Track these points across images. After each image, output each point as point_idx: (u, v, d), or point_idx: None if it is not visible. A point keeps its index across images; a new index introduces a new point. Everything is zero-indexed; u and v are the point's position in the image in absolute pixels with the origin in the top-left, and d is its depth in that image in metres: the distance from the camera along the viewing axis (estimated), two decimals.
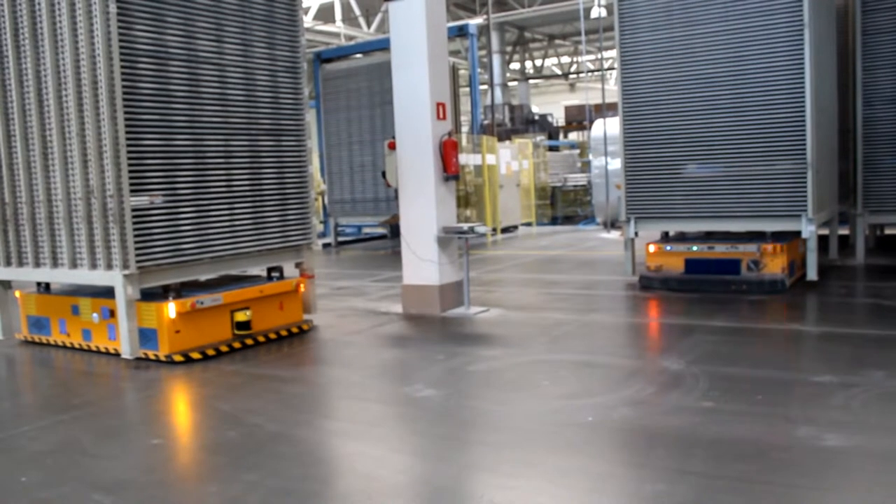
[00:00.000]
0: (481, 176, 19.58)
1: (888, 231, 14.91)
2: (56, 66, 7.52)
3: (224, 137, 8.02)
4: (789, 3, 9.52)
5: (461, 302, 9.39)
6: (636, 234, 10.87)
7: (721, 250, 10.13)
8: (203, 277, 8.16)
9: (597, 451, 4.65)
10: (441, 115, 9.19)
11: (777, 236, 10.07)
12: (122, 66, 7.09)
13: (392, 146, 9.61)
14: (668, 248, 10.57)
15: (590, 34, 32.49)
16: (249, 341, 7.90)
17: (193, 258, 7.70)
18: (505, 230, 21.17)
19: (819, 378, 5.83)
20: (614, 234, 19.36)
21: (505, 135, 27.79)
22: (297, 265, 9.05)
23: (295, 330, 8.44)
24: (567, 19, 35.04)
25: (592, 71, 40.92)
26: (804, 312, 8.85)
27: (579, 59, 43.94)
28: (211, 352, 7.50)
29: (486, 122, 26.16)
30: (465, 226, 9.13)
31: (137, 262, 7.19)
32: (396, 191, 9.71)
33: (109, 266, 7.32)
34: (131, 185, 7.15)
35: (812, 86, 9.53)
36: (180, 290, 7.57)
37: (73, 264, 7.68)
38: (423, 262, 9.26)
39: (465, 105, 23.30)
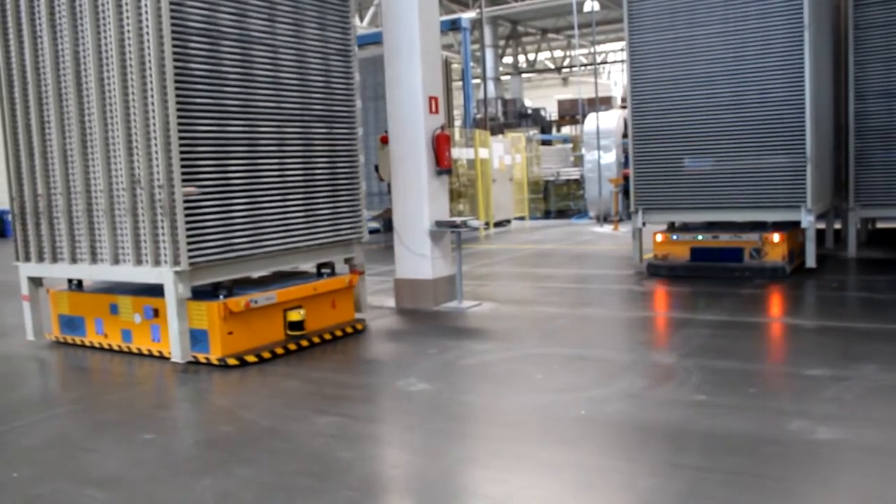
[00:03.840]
0: (474, 170, 19.56)
1: (880, 225, 14.96)
2: (98, 45, 6.96)
3: (277, 124, 7.55)
4: (788, 6, 10.00)
5: (454, 296, 9.38)
6: (644, 224, 11.33)
7: (725, 239, 10.65)
8: (255, 274, 7.67)
9: (590, 445, 4.64)
10: (434, 109, 9.16)
11: (777, 226, 10.55)
12: (174, 45, 6.55)
13: (385, 140, 9.60)
14: (675, 237, 11.07)
15: (583, 28, 32.47)
16: (304, 342, 7.38)
17: (246, 254, 7.21)
18: (498, 224, 21.16)
19: (812, 371, 5.85)
20: (607, 228, 19.39)
21: (498, 129, 27.76)
22: (347, 261, 8.59)
23: (349, 330, 7.91)
24: (560, 13, 35.02)
25: (585, 65, 40.90)
26: (797, 305, 8.88)
27: (572, 53, 43.93)
28: (266, 354, 6.96)
29: (478, 116, 26.12)
30: (458, 220, 9.12)
31: (189, 257, 6.67)
32: (389, 185, 9.70)
33: (157, 262, 6.82)
34: (183, 174, 6.63)
35: (812, 84, 9.98)
36: (232, 288, 7.06)
37: (115, 260, 7.17)
38: (415, 257, 9.24)
39: (458, 99, 23.30)
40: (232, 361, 6.74)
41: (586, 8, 26.69)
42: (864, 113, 11.52)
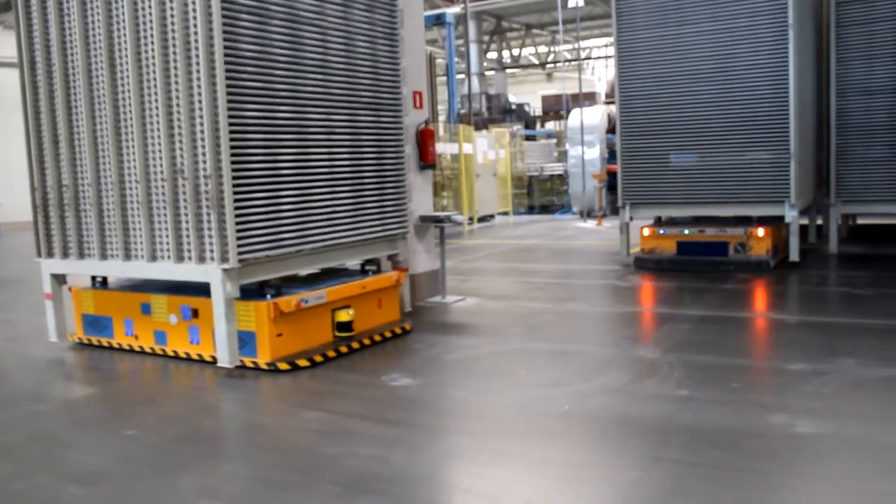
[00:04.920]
0: (458, 165, 19.57)
1: (860, 221, 15.09)
2: (135, 22, 6.46)
3: (325, 110, 7.09)
4: (774, 5, 10.22)
5: (438, 291, 9.39)
6: (631, 218, 11.57)
7: (711, 233, 10.90)
8: (304, 272, 7.32)
9: (574, 440, 4.67)
10: (418, 104, 9.15)
11: (762, 220, 10.77)
12: (224, 23, 6.06)
13: None
14: (662, 231, 11.28)
15: (567, 24, 32.51)
16: (355, 345, 6.94)
17: (294, 249, 6.75)
18: (481, 219, 21.19)
19: (793, 366, 5.90)
20: (591, 224, 19.45)
21: (482, 124, 27.76)
22: (390, 257, 8.20)
23: (398, 331, 7.46)
24: (544, 9, 35.03)
25: (569, 61, 40.97)
26: (780, 300, 8.96)
27: (556, 48, 43.98)
28: (318, 358, 6.52)
29: (462, 111, 26.12)
30: (442, 215, 9.12)
31: (238, 253, 6.21)
32: None
33: (202, 259, 6.33)
34: (232, 164, 6.14)
35: (795, 81, 10.23)
36: (280, 287, 6.60)
37: (153, 257, 6.67)
38: None
39: (443, 94, 23.26)
40: (283, 366, 6.28)
41: (571, 3, 26.71)
42: (845, 110, 11.64)
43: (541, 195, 26.95)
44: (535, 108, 37.45)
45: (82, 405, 5.89)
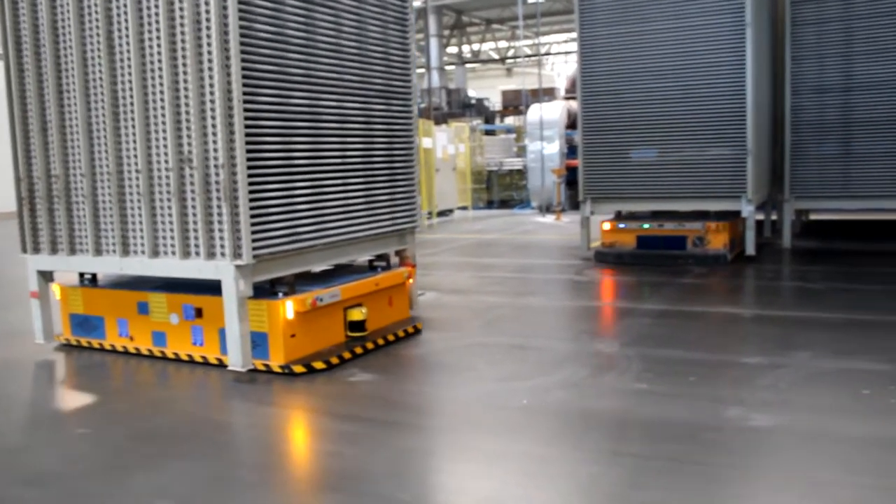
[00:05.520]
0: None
1: (813, 216, 15.35)
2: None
3: (338, 97, 6.72)
4: (732, 4, 10.41)
5: None
6: (592, 213, 11.70)
7: (670, 228, 11.07)
8: (317, 268, 6.93)
9: (533, 434, 4.66)
10: None
11: (720, 215, 11.00)
12: (239, 1, 5.69)
13: None
14: (622, 225, 11.41)
15: (527, 19, 32.58)
16: (370, 345, 6.56)
17: (308, 244, 6.37)
18: (441, 214, 21.15)
19: (749, 359, 5.97)
20: (549, 219, 19.52)
21: (441, 118, 27.72)
22: (398, 253, 7.82)
23: (411, 330, 7.10)
24: (505, 4, 35.06)
25: (529, 56, 41.07)
26: (736, 294, 9.06)
27: (516, 44, 44.08)
28: (335, 360, 6.14)
29: (422, 105, 26.05)
30: None
31: (252, 248, 5.81)
32: None
33: (211, 254, 5.90)
34: (247, 152, 5.74)
35: (753, 79, 10.42)
36: (294, 285, 6.23)
37: (154, 252, 6.22)
38: None
39: None
40: (298, 369, 5.90)
41: (530, 0, 26.78)
42: (799, 107, 11.82)
43: (500, 190, 27.00)
44: (495, 103, 37.49)
45: (77, 417, 5.72)
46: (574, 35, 29.08)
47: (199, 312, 6.23)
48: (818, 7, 11.56)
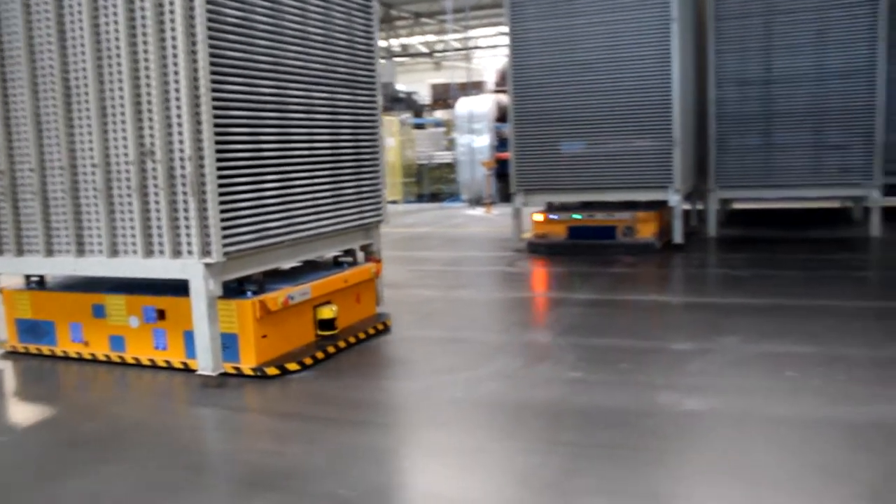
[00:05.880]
0: None
1: (736, 206, 15.74)
2: None
3: (305, 87, 6.42)
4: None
5: None
6: (524, 204, 11.84)
7: (600, 218, 11.28)
8: (286, 265, 6.60)
9: (470, 427, 4.63)
10: None
11: (648, 205, 11.25)
12: None
13: None
14: (553, 216, 11.56)
15: (456, 13, 32.60)
16: (342, 343, 6.31)
17: (278, 240, 6.08)
18: None
19: (678, 346, 6.06)
20: (480, 211, 19.59)
21: None
22: (364, 248, 7.53)
23: (380, 327, 6.88)
24: None
25: (458, 50, 41.15)
26: (665, 282, 9.23)
27: (445, 37, 44.10)
28: (308, 360, 5.88)
29: None
30: None
31: (223, 246, 5.50)
32: None
33: (177, 253, 5.59)
34: (216, 144, 5.43)
35: (678, 72, 10.67)
36: (263, 283, 5.95)
37: (114, 251, 5.84)
38: None
39: None
40: (271, 371, 5.62)
41: None
42: (723, 100, 12.11)
43: (430, 183, 26.98)
44: (424, 96, 37.44)
45: (34, 432, 5.44)
46: (502, 29, 29.16)
47: (161, 314, 5.89)
48: (740, 2, 11.86)
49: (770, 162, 11.95)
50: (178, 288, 5.72)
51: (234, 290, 5.79)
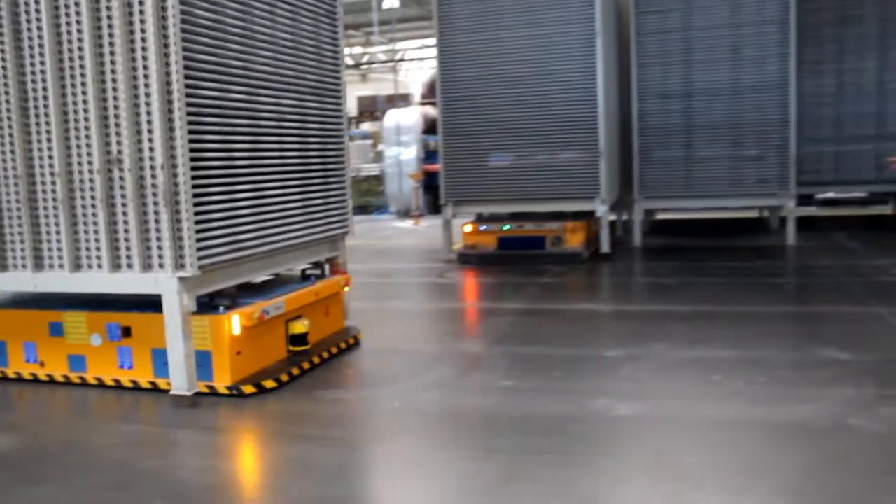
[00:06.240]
0: None
1: (660, 216, 16.16)
2: None
3: (275, 94, 6.19)
4: (583, 15, 10.96)
5: None
6: (454, 216, 12.02)
7: (529, 228, 11.48)
8: (259, 279, 6.33)
9: (406, 437, 4.65)
10: None
11: (576, 216, 11.50)
12: None
13: None
14: (483, 227, 11.72)
15: (382, 25, 32.65)
16: (316, 359, 6.10)
17: (250, 252, 5.80)
18: None
19: (609, 353, 6.19)
20: (408, 223, 19.62)
21: None
22: (328, 260, 7.21)
23: (351, 341, 6.71)
24: (359, 10, 35.00)
25: (385, 62, 41.20)
26: (594, 291, 9.41)
27: (371, 49, 44.11)
28: (284, 377, 5.63)
29: None
30: None
31: (198, 259, 5.23)
32: None
33: (147, 266, 5.30)
34: (191, 151, 5.17)
35: (603, 86, 10.98)
36: (236, 297, 5.72)
37: (76, 266, 5.51)
38: None
39: None
40: (248, 389, 5.37)
41: (386, 5, 26.90)
42: (646, 112, 12.43)
43: (358, 196, 26.84)
44: (351, 108, 37.36)
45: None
46: (429, 41, 29.32)
47: (126, 332, 5.58)
48: (661, 18, 12.21)
49: (691, 173, 12.31)
50: (145, 303, 5.52)
51: (204, 304, 5.52)
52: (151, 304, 5.45)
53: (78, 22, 5.26)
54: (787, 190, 11.93)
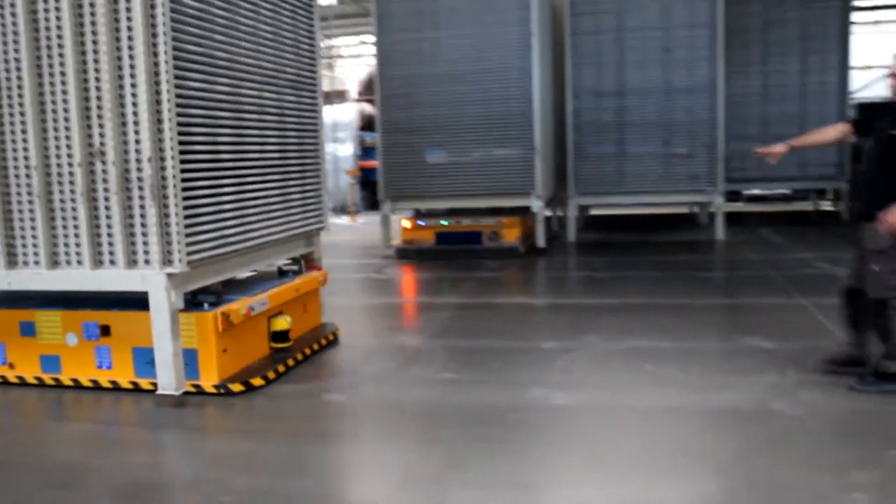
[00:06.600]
0: None
1: (593, 212, 16.48)
2: None
3: (257, 86, 6.01)
4: (520, 16, 11.16)
5: None
6: (392, 212, 12.16)
7: (467, 224, 11.63)
8: (243, 275, 6.22)
9: (349, 430, 4.71)
10: None
11: (512, 211, 11.69)
12: None
13: None
14: (421, 223, 11.81)
15: (320, 21, 32.43)
16: (300, 356, 6.00)
17: (235, 248, 5.62)
18: None
19: (545, 345, 6.34)
20: (345, 220, 19.57)
21: None
22: (304, 256, 7.01)
23: (331, 337, 6.64)
24: None
25: (322, 58, 40.96)
26: (529, 285, 9.58)
27: None
28: (271, 374, 5.52)
29: None
30: None
31: (187, 254, 5.03)
32: None
33: (133, 263, 5.08)
34: (181, 143, 4.98)
35: (539, 84, 11.19)
36: (221, 294, 5.54)
37: (54, 262, 5.23)
38: None
39: None
40: (236, 387, 5.25)
41: (323, 2, 26.69)
42: (580, 110, 12.67)
43: None
44: None
45: None
46: (365, 38, 29.20)
47: (105, 330, 5.39)
48: (595, 20, 12.48)
49: (624, 170, 12.60)
50: (123, 301, 5.38)
51: (188, 302, 5.31)
52: (130, 301, 5.33)
53: (57, 9, 5.00)
54: (715, 186, 12.31)
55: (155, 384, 5.22)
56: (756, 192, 17.75)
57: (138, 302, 5.22)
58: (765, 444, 4.14)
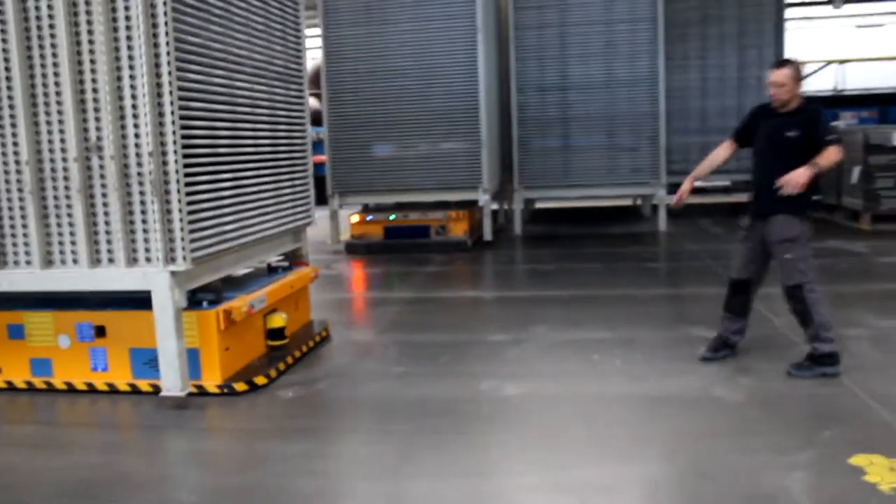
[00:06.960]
0: None
1: (539, 205, 16.66)
2: None
3: (251, 77, 5.88)
4: (465, 11, 11.31)
5: None
6: (340, 206, 12.22)
7: (414, 218, 11.74)
8: (241, 271, 6.09)
9: (304, 423, 4.74)
10: None
11: (459, 205, 11.82)
12: None
13: None
14: (370, 217, 11.88)
15: None
16: (297, 353, 5.93)
17: (233, 244, 5.51)
18: None
19: (494, 337, 6.45)
20: None
21: None
22: (293, 252, 6.93)
23: (324, 334, 6.57)
24: None
25: None
26: (477, 279, 9.69)
27: None
28: (273, 372, 5.45)
29: None
30: None
31: (191, 251, 4.91)
32: None
33: (133, 261, 4.95)
34: (183, 137, 4.86)
35: (484, 79, 11.38)
36: (220, 292, 5.42)
37: (48, 261, 5.06)
38: None
39: None
40: (240, 386, 5.16)
41: None
42: (525, 104, 12.79)
43: None
44: None
45: None
46: (311, 31, 29.08)
47: (100, 331, 5.22)
48: (538, 14, 12.59)
49: (568, 163, 12.77)
50: (118, 301, 5.25)
51: (187, 300, 5.18)
52: (125, 301, 5.22)
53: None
54: (658, 179, 12.57)
55: (154, 385, 5.14)
56: (697, 184, 18.09)
57: (133, 301, 5.15)
58: (707, 428, 4.31)
